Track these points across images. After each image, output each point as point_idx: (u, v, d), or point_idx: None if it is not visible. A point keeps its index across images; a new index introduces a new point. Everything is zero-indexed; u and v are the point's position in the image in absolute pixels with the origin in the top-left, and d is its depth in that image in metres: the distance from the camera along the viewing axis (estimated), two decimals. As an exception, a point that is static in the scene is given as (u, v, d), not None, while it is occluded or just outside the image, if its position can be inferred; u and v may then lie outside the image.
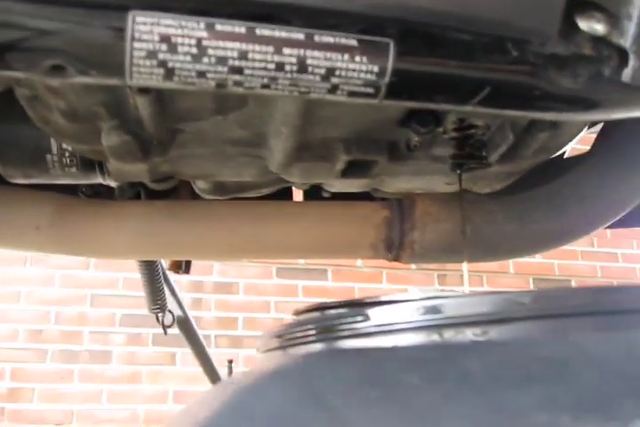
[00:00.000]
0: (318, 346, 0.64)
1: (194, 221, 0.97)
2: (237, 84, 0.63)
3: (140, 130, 0.84)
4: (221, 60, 0.60)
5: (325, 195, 1.24)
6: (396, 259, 1.05)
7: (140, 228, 0.95)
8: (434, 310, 0.62)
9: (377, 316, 0.61)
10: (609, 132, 1.13)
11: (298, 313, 0.78)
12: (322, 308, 0.71)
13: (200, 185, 1.15)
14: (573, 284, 4.78)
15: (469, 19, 0.66)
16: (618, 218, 1.10)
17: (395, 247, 1.03)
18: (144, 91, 0.74)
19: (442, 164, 0.98)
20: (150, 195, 1.17)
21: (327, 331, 0.65)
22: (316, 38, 0.62)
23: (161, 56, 0.59)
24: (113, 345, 3.92)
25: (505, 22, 0.67)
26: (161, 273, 1.50)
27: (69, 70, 0.59)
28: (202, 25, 0.59)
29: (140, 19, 0.58)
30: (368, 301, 0.67)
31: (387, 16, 0.64)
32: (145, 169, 0.94)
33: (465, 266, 0.99)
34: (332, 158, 0.95)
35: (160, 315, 1.58)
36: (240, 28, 0.60)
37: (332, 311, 0.69)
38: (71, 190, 1.16)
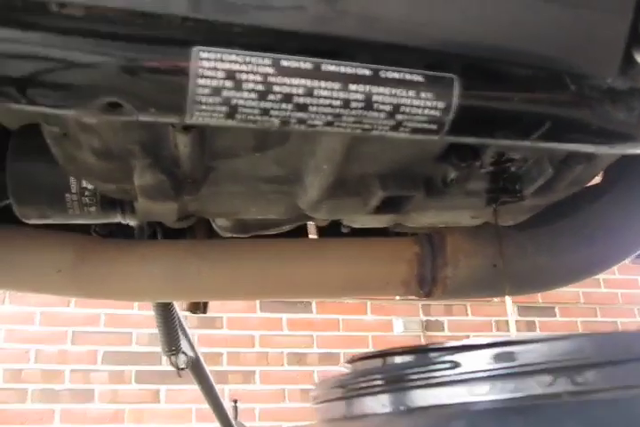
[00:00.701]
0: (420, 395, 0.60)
1: (222, 262, 0.94)
2: (301, 121, 0.60)
3: (175, 168, 0.81)
4: (287, 98, 0.58)
5: (345, 230, 1.21)
6: (428, 295, 1.02)
7: (166, 270, 0.92)
8: (512, 356, 0.59)
9: (467, 362, 0.58)
10: (628, 161, 1.13)
11: (353, 361, 0.74)
12: (382, 355, 0.68)
13: (220, 223, 1.11)
14: (557, 310, 4.80)
15: (532, 54, 0.64)
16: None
17: (427, 284, 1.00)
18: (187, 129, 0.71)
19: (476, 198, 0.96)
20: (166, 233, 1.13)
21: (405, 379, 0.61)
22: (382, 74, 0.60)
23: (225, 93, 0.56)
24: (95, 384, 3.81)
25: (567, 58, 0.65)
26: (176, 314, 1.46)
27: (126, 108, 0.56)
28: (267, 61, 0.57)
29: (204, 55, 0.55)
30: (439, 346, 0.64)
31: (451, 51, 0.62)
32: (174, 208, 0.91)
33: (509, 307, 0.96)
34: (366, 194, 0.92)
35: (174, 357, 1.53)
36: (306, 63, 0.58)
37: (400, 358, 0.66)
38: (82, 230, 1.12)
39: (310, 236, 1.30)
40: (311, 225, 1.32)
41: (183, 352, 1.56)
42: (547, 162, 0.90)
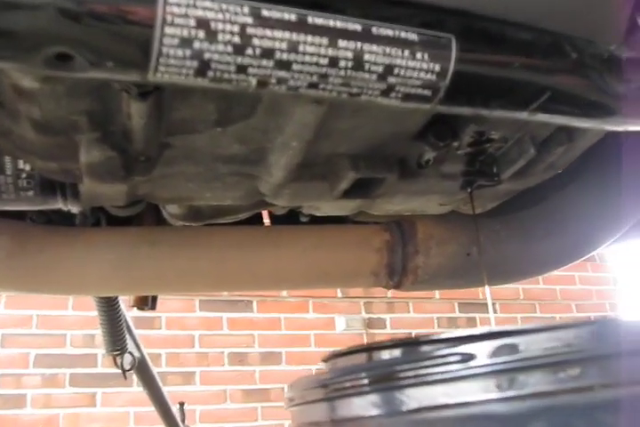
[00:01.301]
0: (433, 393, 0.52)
1: (177, 250, 0.85)
2: (281, 81, 0.52)
3: (127, 144, 0.72)
4: (267, 53, 0.50)
5: (304, 219, 1.13)
6: (397, 286, 0.96)
7: (115, 259, 0.82)
8: (514, 348, 0.53)
9: (478, 355, 0.50)
10: (602, 147, 1.09)
11: (331, 358, 0.66)
12: (366, 350, 0.60)
13: (171, 210, 1.02)
14: (497, 306, 4.82)
15: (536, 13, 0.58)
16: (619, 234, 1.05)
17: (397, 274, 0.94)
18: (145, 95, 0.62)
19: (451, 181, 0.90)
20: (111, 222, 1.04)
21: (400, 376, 0.54)
22: (374, 30, 0.53)
23: (197, 45, 0.48)
24: (27, 388, 3.62)
25: (572, 20, 0.60)
26: (121, 310, 1.35)
27: (78, 61, 0.47)
28: (246, 9, 0.49)
29: (172, -1, 0.47)
30: (431, 339, 0.57)
31: (449, 6, 0.56)
32: (123, 191, 0.81)
33: (488, 292, 0.91)
34: (334, 177, 0.85)
35: (119, 357, 1.42)
36: (290, 15, 0.50)
37: (391, 352, 0.59)
38: (16, 219, 1.01)
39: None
40: (266, 215, 1.24)
41: (129, 352, 1.46)
42: (529, 142, 0.84)
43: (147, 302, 1.22)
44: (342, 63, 0.52)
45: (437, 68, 0.56)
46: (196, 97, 0.67)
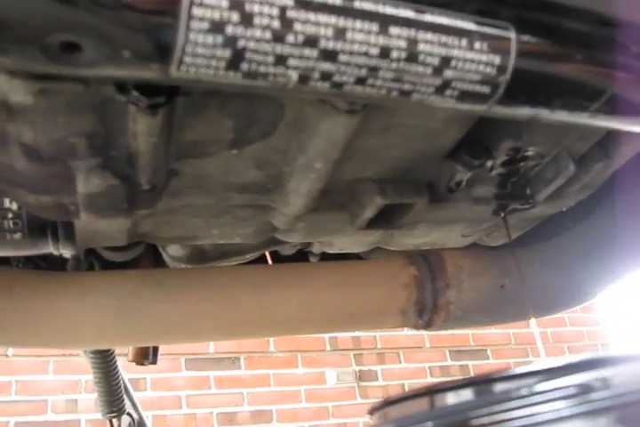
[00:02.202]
0: None
1: (185, 292, 0.75)
2: (325, 77, 0.44)
3: (131, 171, 0.63)
4: (311, 40, 0.42)
5: (313, 259, 1.04)
6: (428, 325, 0.87)
7: (116, 304, 0.73)
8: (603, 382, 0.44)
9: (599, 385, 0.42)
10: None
11: (382, 407, 0.56)
12: (428, 393, 0.51)
13: (173, 252, 0.93)
14: (489, 353, 4.72)
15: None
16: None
17: (427, 311, 0.85)
18: (155, 107, 0.53)
19: (483, 205, 0.82)
20: (106, 268, 0.94)
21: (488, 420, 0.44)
22: (428, 17, 0.46)
23: (230, 30, 0.40)
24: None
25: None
26: (118, 367, 1.23)
27: (87, 52, 0.39)
28: (285, -11, 0.42)
29: (200, -24, 0.39)
30: (511, 374, 0.48)
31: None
32: (124, 227, 0.72)
33: (535, 329, 0.82)
34: (356, 206, 0.77)
35: (116, 420, 1.29)
36: (335, -4, 0.43)
37: (467, 393, 0.49)
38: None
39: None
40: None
41: (128, 413, 1.33)
42: (567, 158, 0.77)
43: (147, 356, 1.11)
44: (395, 54, 0.45)
45: (497, 60, 0.48)
46: (212, 112, 0.59)
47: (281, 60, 0.42)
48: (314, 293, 0.80)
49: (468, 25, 0.47)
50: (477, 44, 0.47)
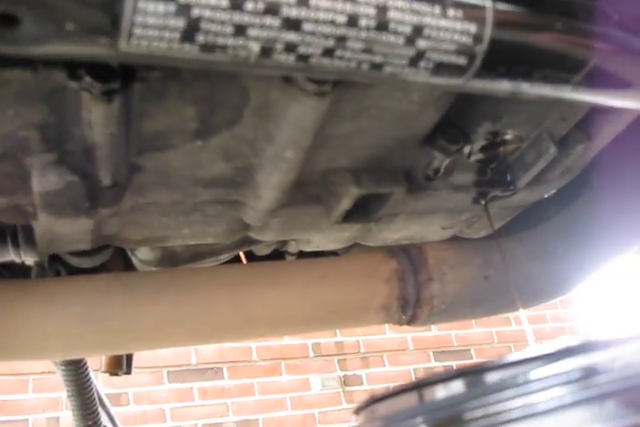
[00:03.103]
0: None
1: (156, 295, 0.71)
2: (289, 48, 0.41)
3: (90, 166, 0.59)
4: (272, 8, 0.39)
5: (290, 259, 1.01)
6: (412, 320, 0.83)
7: (82, 311, 0.68)
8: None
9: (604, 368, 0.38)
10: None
11: (367, 406, 0.53)
12: (414, 388, 0.48)
13: (142, 256, 0.89)
14: (472, 352, 4.70)
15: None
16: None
17: (410, 306, 0.82)
18: (109, 94, 0.50)
19: (463, 193, 0.79)
20: (72, 275, 0.89)
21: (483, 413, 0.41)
22: (397, -19, 0.43)
23: (183, -2, 0.37)
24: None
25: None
26: (91, 379, 1.18)
27: (26, 26, 0.36)
28: (241, -49, 0.38)
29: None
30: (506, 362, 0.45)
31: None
32: (87, 229, 0.68)
33: (524, 319, 0.79)
34: (332, 198, 0.73)
35: None
36: (295, -42, 0.39)
37: (458, 385, 0.46)
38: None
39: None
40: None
41: (104, 427, 1.28)
42: (547, 140, 0.74)
43: (121, 365, 1.06)
44: (363, 22, 0.42)
45: (473, 28, 0.45)
46: (172, 98, 0.55)
47: (240, 30, 0.39)
48: (292, 291, 0.77)
49: (440, -10, 0.44)
50: (451, 12, 0.44)
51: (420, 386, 0.47)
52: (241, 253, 1.05)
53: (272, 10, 0.39)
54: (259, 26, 0.39)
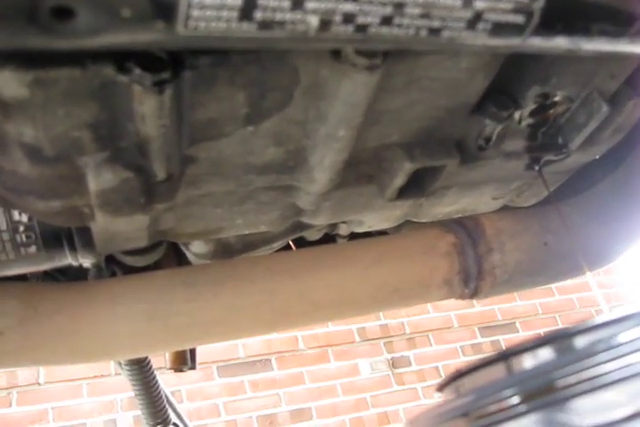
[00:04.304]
0: None
1: (218, 287, 0.71)
2: (348, 19, 0.40)
3: (144, 161, 0.59)
4: (329, -21, 0.38)
5: (341, 242, 1.00)
6: (475, 294, 0.82)
7: (148, 308, 0.68)
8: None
9: None
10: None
11: (450, 382, 0.52)
12: (499, 359, 0.46)
13: (196, 249, 0.88)
14: (518, 325, 4.67)
15: None
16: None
17: (472, 278, 0.80)
18: (161, 84, 0.49)
19: (516, 160, 0.77)
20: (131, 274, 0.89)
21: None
22: (450, -61, 0.41)
23: (238, -25, 0.36)
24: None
25: None
26: (156, 377, 1.19)
27: (82, 18, 0.35)
28: None
29: None
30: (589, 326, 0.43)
31: None
32: (143, 225, 0.67)
33: (591, 279, 0.77)
34: (384, 175, 0.72)
35: None
36: None
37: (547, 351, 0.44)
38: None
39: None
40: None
41: (174, 424, 1.28)
42: (598, 99, 0.72)
43: (185, 361, 1.07)
44: (420, -14, 0.40)
45: (529, -16, 0.44)
46: (222, 85, 0.54)
47: (298, 3, 0.38)
48: (353, 273, 0.76)
49: (494, -54, 0.43)
50: (507, -32, 0.43)
51: (506, 357, 0.46)
52: (290, 242, 1.04)
53: (328, -19, 0.38)
54: (316, -1, 0.38)
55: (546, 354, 0.45)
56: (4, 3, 0.34)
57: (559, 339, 0.45)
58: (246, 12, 0.37)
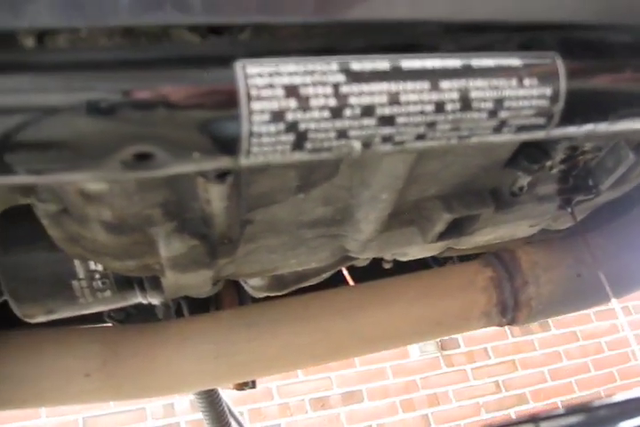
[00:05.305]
0: None
1: (276, 327, 0.78)
2: (386, 139, 0.46)
3: (207, 229, 0.66)
4: (368, 110, 0.44)
5: (387, 266, 1.06)
6: (512, 322, 0.88)
7: (214, 348, 0.76)
8: None
9: None
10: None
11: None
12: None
13: (254, 283, 0.96)
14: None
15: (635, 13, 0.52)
16: None
17: (509, 310, 0.86)
18: (222, 176, 0.56)
19: (548, 203, 0.83)
20: (191, 305, 0.98)
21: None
22: (475, 63, 0.47)
23: (290, 116, 0.42)
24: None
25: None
26: (220, 395, 1.28)
27: (159, 158, 0.41)
28: (334, 66, 0.43)
29: (252, 69, 0.41)
30: None
31: (543, 21, 0.49)
32: (208, 277, 0.75)
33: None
34: (425, 222, 0.78)
35: None
36: (382, 62, 0.44)
37: None
38: (93, 320, 0.96)
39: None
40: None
41: (235, 437, 1.38)
42: (625, 148, 0.77)
43: (247, 382, 1.15)
44: (449, 106, 0.46)
45: (549, 91, 0.49)
46: (275, 166, 0.61)
47: (342, 133, 0.44)
48: (399, 309, 0.82)
49: (515, 62, 0.48)
50: (527, 81, 0.48)
51: (534, 420, 0.52)
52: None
53: (368, 112, 0.44)
54: (358, 127, 0.44)
55: (572, 421, 0.50)
56: (94, 150, 0.40)
57: (584, 410, 0.51)
58: (298, 145, 0.44)
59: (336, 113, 0.43)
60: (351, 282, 1.11)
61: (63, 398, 0.76)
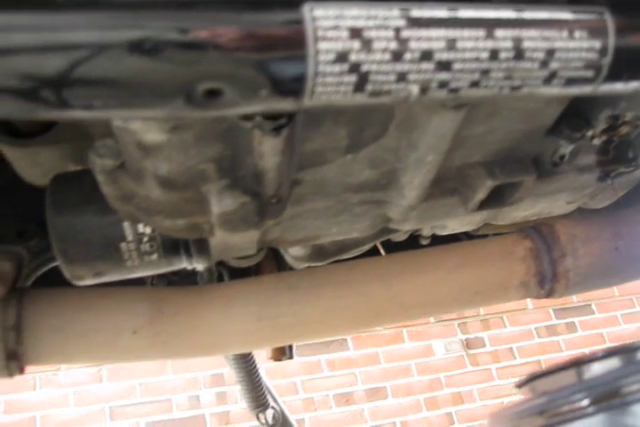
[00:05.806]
0: None
1: (319, 291, 0.80)
2: (442, 85, 0.48)
3: (259, 187, 0.68)
4: (426, 55, 0.46)
5: (424, 242, 1.08)
6: (550, 294, 0.89)
7: (257, 310, 0.78)
8: None
9: None
10: None
11: (527, 382, 0.60)
12: (573, 365, 0.54)
13: (295, 253, 0.98)
14: (594, 307, 4.64)
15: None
16: None
17: (547, 281, 0.87)
18: (278, 129, 0.58)
19: (589, 174, 0.84)
20: (232, 275, 1.00)
21: None
22: (528, 15, 0.48)
23: (353, 57, 0.44)
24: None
25: None
26: (256, 364, 1.31)
27: (228, 95, 0.44)
28: (396, 12, 0.45)
29: (319, 12, 0.43)
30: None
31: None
32: (255, 238, 0.77)
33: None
34: (467, 190, 0.80)
35: (262, 413, 1.36)
36: (440, 10, 0.46)
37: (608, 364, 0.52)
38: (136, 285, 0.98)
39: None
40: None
41: (272, 407, 1.41)
42: (667, 116, 0.78)
43: (284, 352, 1.17)
44: (503, 54, 0.48)
45: (598, 44, 0.51)
46: (327, 124, 0.63)
47: (402, 76, 0.46)
48: (438, 277, 0.84)
49: (566, 15, 0.50)
50: (577, 33, 0.50)
51: (576, 364, 0.54)
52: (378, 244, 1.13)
53: (426, 56, 0.46)
54: (416, 71, 0.46)
55: (613, 364, 0.52)
56: (165, 87, 0.43)
57: (625, 352, 0.52)
58: (360, 86, 0.46)
59: (396, 56, 0.45)
60: (388, 258, 1.13)
61: (111, 354, 0.78)
